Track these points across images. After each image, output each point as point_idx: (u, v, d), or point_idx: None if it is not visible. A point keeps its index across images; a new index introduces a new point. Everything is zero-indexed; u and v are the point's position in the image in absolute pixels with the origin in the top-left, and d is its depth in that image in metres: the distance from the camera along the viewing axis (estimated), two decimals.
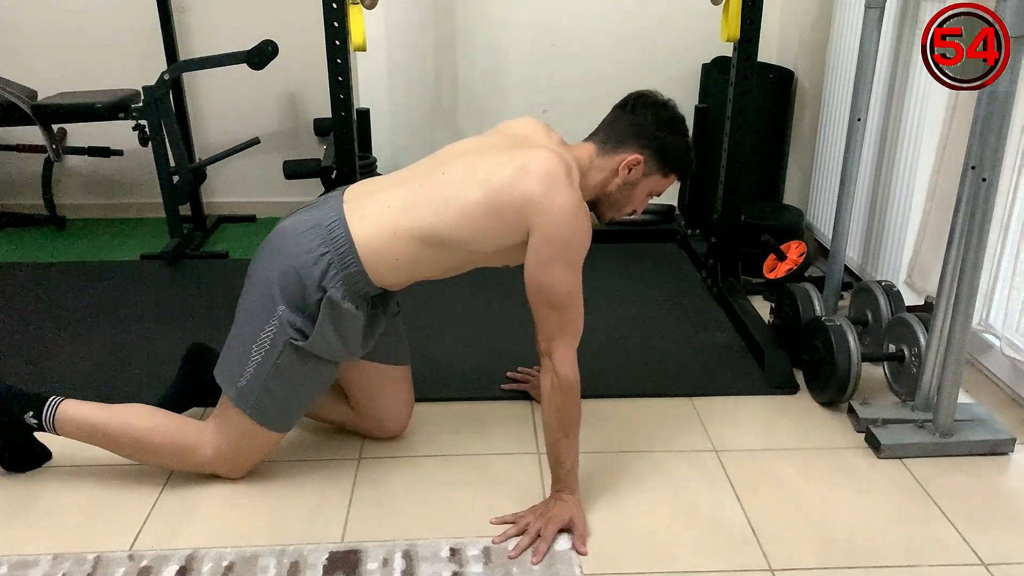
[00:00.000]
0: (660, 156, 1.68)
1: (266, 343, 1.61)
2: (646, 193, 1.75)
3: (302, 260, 1.58)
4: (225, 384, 1.67)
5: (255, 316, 1.62)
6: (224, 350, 1.70)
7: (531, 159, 1.56)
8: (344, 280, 1.59)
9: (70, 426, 1.71)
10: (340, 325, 1.61)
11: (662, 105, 1.70)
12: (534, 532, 1.59)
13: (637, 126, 1.67)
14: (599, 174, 1.69)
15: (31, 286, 2.84)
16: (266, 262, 1.64)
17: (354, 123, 2.47)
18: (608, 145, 1.69)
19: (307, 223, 1.62)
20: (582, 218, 1.56)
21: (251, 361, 1.62)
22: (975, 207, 1.70)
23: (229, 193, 3.58)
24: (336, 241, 1.58)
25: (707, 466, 1.85)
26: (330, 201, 1.67)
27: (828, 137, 2.89)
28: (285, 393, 1.67)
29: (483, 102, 3.41)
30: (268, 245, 1.67)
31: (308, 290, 1.58)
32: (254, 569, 1.53)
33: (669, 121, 1.69)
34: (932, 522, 1.67)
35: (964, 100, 2.13)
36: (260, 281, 1.63)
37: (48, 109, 2.97)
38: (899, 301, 2.22)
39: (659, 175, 1.72)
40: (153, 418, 1.74)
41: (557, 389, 1.57)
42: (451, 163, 1.65)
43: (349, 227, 1.59)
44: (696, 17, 3.24)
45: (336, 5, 2.26)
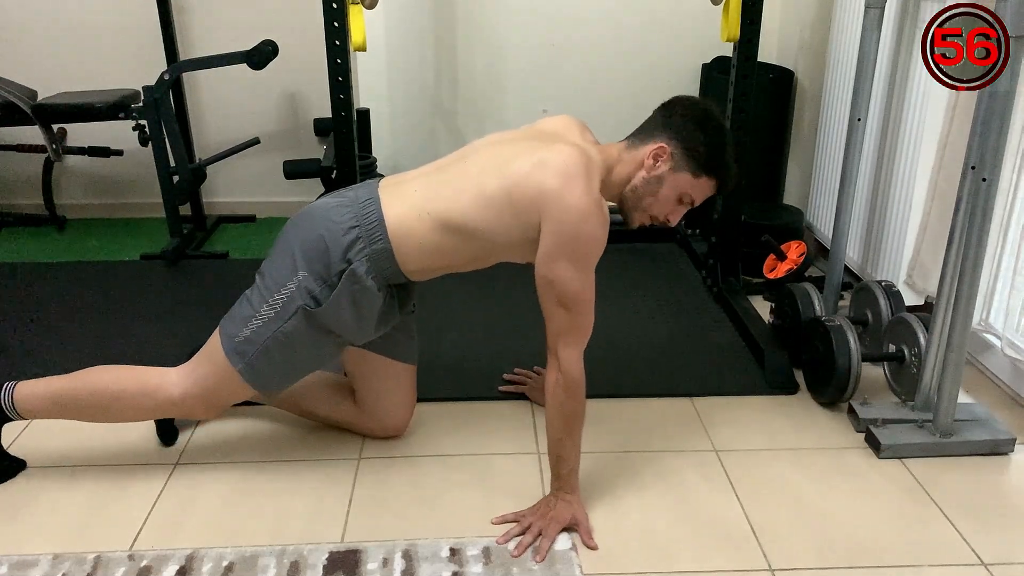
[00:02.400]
0: (688, 150, 1.61)
1: (278, 305, 1.61)
2: (675, 194, 1.65)
3: (331, 230, 1.60)
4: (223, 332, 1.67)
5: (272, 278, 1.64)
6: (235, 306, 1.70)
7: (551, 153, 1.55)
8: (370, 256, 1.60)
9: (33, 402, 1.71)
10: (358, 300, 1.62)
11: (696, 103, 1.67)
12: (536, 531, 1.59)
13: (667, 118, 1.65)
14: (625, 168, 1.66)
15: (31, 286, 2.84)
16: (293, 231, 1.67)
17: (354, 123, 2.47)
18: (637, 139, 1.67)
19: (340, 201, 1.66)
20: (596, 218, 1.52)
21: (257, 318, 1.63)
22: (975, 207, 1.70)
23: (229, 193, 3.58)
24: (367, 217, 1.60)
25: (707, 466, 1.85)
26: (366, 185, 1.70)
27: (828, 137, 2.89)
28: (282, 358, 1.66)
29: (483, 102, 3.41)
30: (298, 218, 1.69)
31: (333, 259, 1.59)
32: (254, 569, 1.53)
33: (700, 116, 1.63)
34: (932, 522, 1.67)
35: (964, 100, 2.13)
36: (284, 247, 1.66)
37: (48, 109, 2.97)
38: (899, 301, 2.22)
39: (688, 173, 1.62)
40: (111, 370, 1.75)
41: (561, 387, 1.57)
42: (476, 153, 1.67)
43: (381, 205, 1.61)
44: (696, 17, 3.24)
45: (336, 5, 2.26)
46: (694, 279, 2.90)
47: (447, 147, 3.43)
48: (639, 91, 3.39)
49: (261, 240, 3.34)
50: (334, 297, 1.60)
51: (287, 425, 2.00)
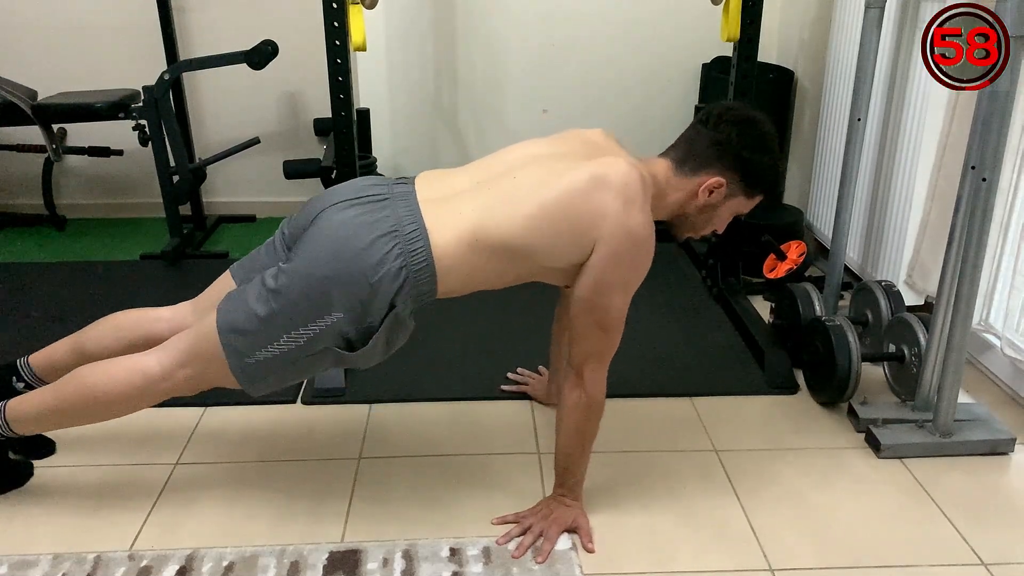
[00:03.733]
0: (745, 178, 1.54)
1: (302, 340, 1.46)
2: (728, 216, 1.61)
3: (377, 274, 1.43)
4: (229, 349, 1.48)
5: (298, 308, 1.45)
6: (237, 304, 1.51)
7: (609, 169, 1.46)
8: (414, 297, 1.48)
9: (26, 423, 1.64)
10: (391, 339, 1.52)
11: (748, 120, 1.55)
12: (537, 532, 1.59)
13: (720, 145, 1.52)
14: (676, 195, 1.56)
15: (31, 286, 2.84)
16: (327, 259, 1.46)
17: (354, 123, 2.47)
18: (687, 165, 1.55)
19: (383, 225, 1.46)
20: (650, 245, 1.48)
21: (274, 346, 1.47)
22: (975, 207, 1.70)
23: (229, 193, 3.58)
24: (415, 255, 1.44)
25: (707, 466, 1.85)
26: (406, 199, 1.50)
27: (828, 137, 2.89)
28: (287, 377, 1.55)
29: (483, 102, 3.41)
30: (329, 235, 1.48)
31: (376, 305, 1.45)
32: (254, 569, 1.53)
33: (757, 139, 1.54)
34: (932, 522, 1.67)
35: (964, 100, 2.13)
36: (317, 276, 1.45)
37: (48, 109, 2.97)
38: (899, 301, 2.22)
39: (743, 197, 1.58)
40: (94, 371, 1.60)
41: (583, 408, 1.54)
42: (524, 168, 1.53)
43: (430, 240, 1.45)
44: (696, 17, 3.24)
45: (336, 5, 2.26)
46: (694, 279, 2.90)
47: (447, 147, 3.45)
48: (639, 91, 3.40)
49: (261, 240, 3.31)
50: (373, 341, 1.47)
51: (287, 425, 2.00)
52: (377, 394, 2.13)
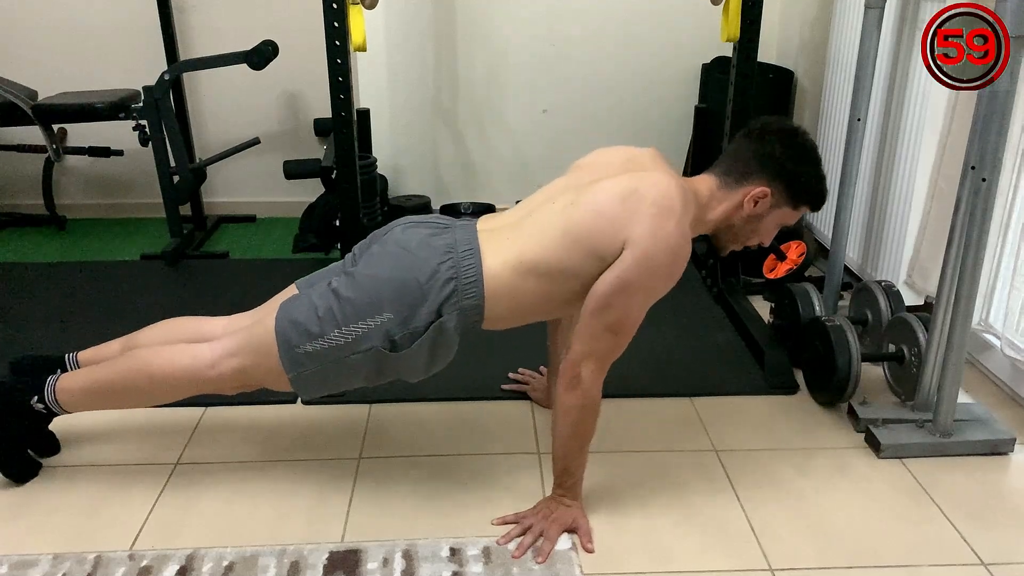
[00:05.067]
0: (790, 188, 1.58)
1: (351, 336, 1.54)
2: (774, 226, 1.64)
3: (429, 280, 1.53)
4: (282, 337, 1.57)
5: (354, 306, 1.54)
6: (299, 304, 1.60)
7: (644, 182, 1.50)
8: (460, 310, 1.54)
9: (75, 396, 1.70)
10: (435, 351, 1.57)
11: (791, 132, 1.59)
12: (537, 532, 1.60)
13: (764, 156, 1.56)
14: (721, 207, 1.60)
15: (31, 286, 2.84)
16: (388, 263, 1.58)
17: (354, 123, 2.47)
18: (731, 176, 1.59)
19: (442, 242, 1.57)
20: (681, 257, 1.50)
21: (325, 339, 1.54)
22: (975, 207, 1.70)
23: (229, 193, 3.58)
24: (466, 270, 1.54)
25: (707, 466, 1.85)
26: (466, 228, 1.62)
27: (828, 137, 2.89)
28: (335, 379, 1.61)
29: (483, 102, 3.41)
30: (393, 245, 1.61)
31: (424, 309, 1.53)
32: (254, 569, 1.53)
33: (800, 150, 1.58)
34: (932, 522, 1.67)
35: (964, 100, 2.13)
36: (376, 277, 1.56)
37: (48, 109, 2.97)
38: (899, 301, 2.22)
39: (789, 207, 1.61)
40: (153, 354, 1.69)
41: (580, 409, 1.54)
42: (563, 193, 1.59)
43: (482, 259, 1.55)
44: (696, 17, 3.24)
45: (336, 5, 2.26)
46: (694, 279, 2.90)
47: (447, 147, 3.45)
48: (639, 91, 3.40)
49: (261, 240, 3.34)
50: (417, 345, 1.54)
51: (287, 425, 2.00)
52: (377, 394, 2.12)
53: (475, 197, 3.45)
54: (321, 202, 3.14)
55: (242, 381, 1.65)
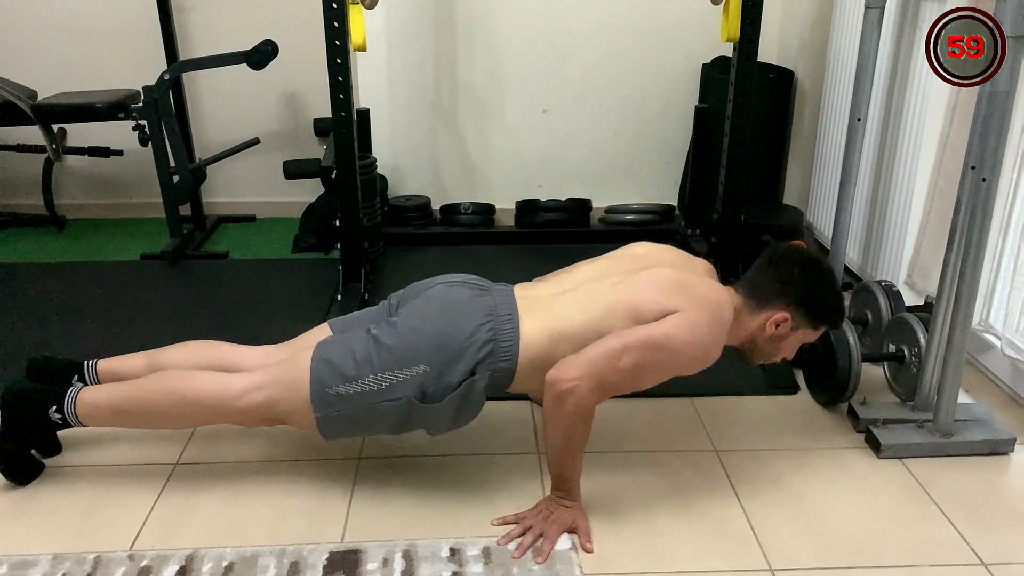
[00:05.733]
0: (809, 312, 1.66)
1: (384, 383, 1.58)
2: (796, 345, 1.72)
3: (469, 339, 1.59)
4: (316, 376, 1.60)
5: (393, 355, 1.59)
6: (338, 345, 1.65)
7: (701, 282, 1.63)
8: (493, 372, 1.60)
9: (95, 411, 1.70)
10: (462, 409, 1.62)
11: (807, 260, 1.69)
12: (537, 532, 1.60)
13: (783, 282, 1.65)
14: (747, 325, 1.68)
15: (31, 286, 2.84)
16: (433, 317, 1.63)
17: (354, 123, 2.47)
18: (754, 300, 1.67)
19: (484, 305, 1.64)
20: (711, 354, 1.59)
21: (358, 383, 1.59)
22: (975, 207, 1.70)
23: (229, 193, 3.58)
24: (505, 335, 1.60)
25: (707, 466, 1.85)
26: (505, 292, 1.69)
27: (828, 137, 2.89)
28: (361, 423, 1.64)
29: (483, 102, 3.41)
30: (437, 301, 1.67)
31: (459, 367, 1.58)
32: (254, 569, 1.53)
33: (816, 277, 1.67)
34: (932, 522, 1.67)
35: (964, 100, 2.13)
36: (418, 329, 1.62)
37: (48, 109, 2.97)
38: (899, 301, 2.22)
39: (809, 328, 1.69)
40: (181, 377, 1.70)
41: (571, 420, 1.53)
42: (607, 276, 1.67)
43: (520, 326, 1.61)
44: (696, 17, 3.24)
45: (336, 5, 2.26)
46: None
47: (447, 147, 3.45)
48: (639, 91, 3.40)
49: (261, 240, 3.34)
50: (446, 401, 1.59)
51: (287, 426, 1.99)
52: None
53: (475, 197, 3.45)
54: (321, 202, 3.14)
55: (267, 415, 1.67)
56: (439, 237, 3.26)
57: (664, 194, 3.52)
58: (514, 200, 3.38)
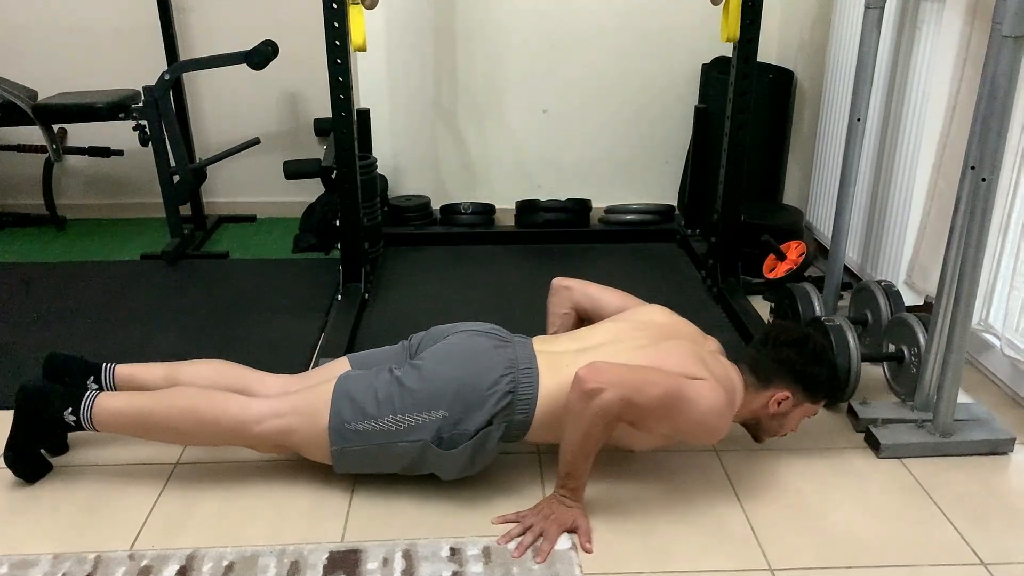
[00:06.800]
0: (808, 389, 1.72)
1: (403, 424, 1.62)
2: (799, 418, 1.77)
3: (490, 389, 1.62)
4: (336, 409, 1.64)
5: (415, 397, 1.63)
6: (363, 380, 1.68)
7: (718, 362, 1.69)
8: (509, 424, 1.64)
9: (112, 418, 1.70)
10: (476, 457, 1.65)
11: (800, 339, 1.73)
12: (537, 532, 1.60)
13: (781, 363, 1.70)
14: (751, 404, 1.72)
15: (31, 286, 2.84)
16: (456, 363, 1.67)
17: (354, 123, 2.47)
18: (757, 380, 1.71)
19: (505, 357, 1.67)
20: (720, 428, 1.62)
21: (377, 421, 1.62)
22: (975, 207, 1.70)
23: (229, 193, 3.58)
24: (524, 387, 1.64)
25: (707, 466, 1.85)
26: (524, 347, 1.72)
27: (828, 137, 2.89)
28: (375, 460, 1.67)
29: (483, 102, 3.41)
30: (461, 348, 1.70)
31: (478, 415, 1.61)
32: (254, 569, 1.53)
33: (812, 355, 1.72)
34: (932, 522, 1.67)
35: (964, 100, 2.13)
36: (443, 375, 1.65)
37: (48, 109, 2.97)
38: (899, 301, 2.22)
39: (810, 403, 1.74)
40: (202, 395, 1.71)
41: (594, 418, 1.53)
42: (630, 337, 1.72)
43: (540, 379, 1.64)
44: (696, 17, 3.24)
45: (336, 5, 2.26)
46: (694, 279, 2.90)
47: (447, 147, 3.45)
48: (639, 91, 3.40)
49: (261, 240, 3.34)
50: (461, 448, 1.62)
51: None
52: None
53: (475, 197, 3.45)
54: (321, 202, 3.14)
55: (282, 443, 1.69)
56: (439, 237, 3.27)
57: (664, 194, 3.52)
58: (514, 200, 3.38)
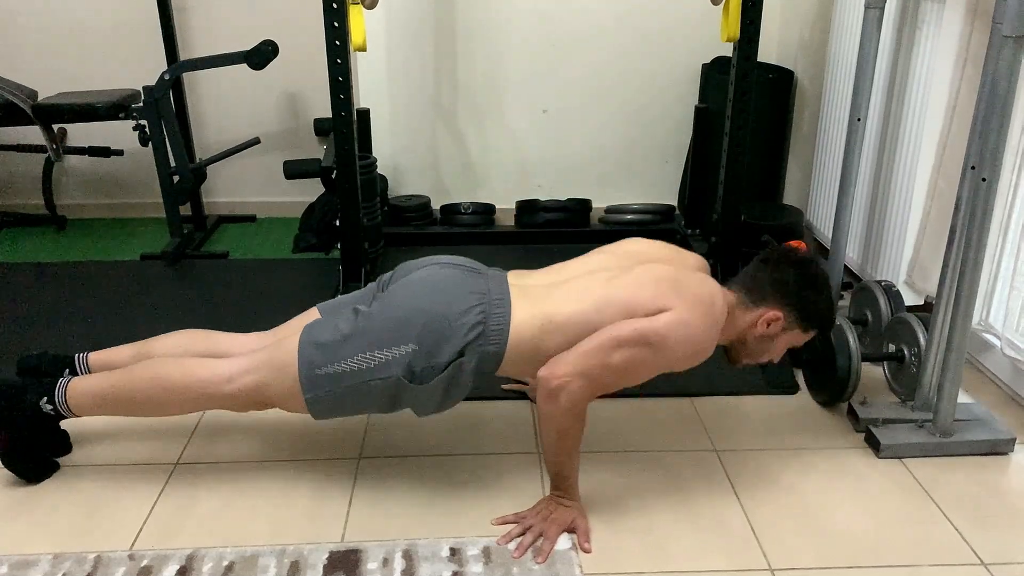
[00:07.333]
0: (801, 314, 1.68)
1: (373, 362, 1.58)
2: (783, 347, 1.74)
3: (459, 319, 1.58)
4: (304, 357, 1.60)
5: (381, 332, 1.59)
6: (323, 327, 1.64)
7: (694, 278, 1.63)
8: (481, 355, 1.59)
9: (85, 399, 1.70)
10: (450, 390, 1.62)
11: (804, 262, 1.70)
12: (537, 532, 1.60)
13: (779, 283, 1.67)
14: (739, 323, 1.68)
15: (31, 286, 2.84)
16: (423, 295, 1.62)
17: (354, 123, 2.47)
18: (749, 297, 1.68)
19: (472, 285, 1.63)
20: (704, 349, 1.59)
21: (346, 362, 1.58)
22: (975, 207, 1.70)
23: (229, 193, 3.58)
24: (495, 318, 1.59)
25: (707, 466, 1.85)
26: (498, 277, 1.68)
27: (828, 137, 2.89)
28: (351, 403, 1.64)
29: (483, 102, 3.41)
30: (428, 279, 1.66)
31: (448, 347, 1.57)
32: (254, 569, 1.53)
33: (811, 279, 1.68)
34: (932, 522, 1.67)
35: (964, 100, 2.13)
36: (408, 307, 1.61)
37: (48, 109, 2.97)
38: (899, 301, 2.22)
39: (799, 330, 1.70)
40: (168, 363, 1.71)
41: (564, 415, 1.54)
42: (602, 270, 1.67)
43: (512, 310, 1.60)
44: (696, 17, 3.24)
45: (336, 5, 2.26)
46: None
47: (447, 147, 3.45)
48: (639, 91, 3.40)
49: (261, 240, 3.34)
50: (434, 382, 1.59)
51: (287, 425, 2.00)
52: None
53: (475, 197, 3.45)
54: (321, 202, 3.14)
55: (256, 399, 1.66)
56: (439, 237, 3.26)
57: (664, 194, 3.52)
58: (514, 200, 3.38)
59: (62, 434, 1.86)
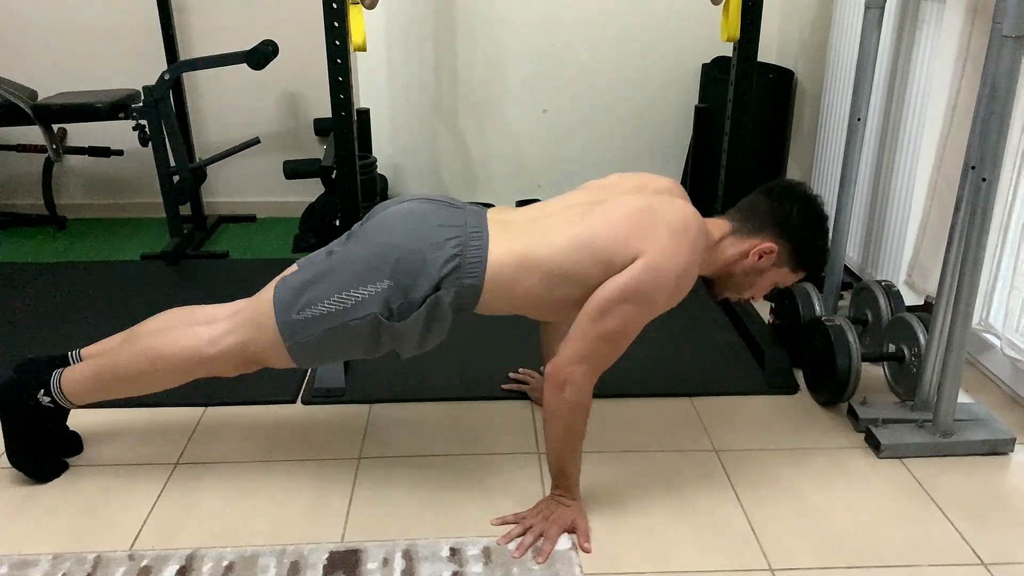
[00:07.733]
0: (796, 251, 1.65)
1: (350, 301, 1.54)
2: (770, 284, 1.70)
3: (433, 252, 1.55)
4: (280, 305, 1.58)
5: (355, 270, 1.56)
6: (296, 272, 1.62)
7: (665, 203, 1.57)
8: (459, 289, 1.56)
9: (79, 385, 1.70)
10: (430, 325, 1.58)
11: (809, 199, 1.66)
12: (537, 532, 1.60)
13: (780, 216, 1.63)
14: (728, 252, 1.65)
15: (31, 286, 2.84)
16: (396, 230, 1.59)
17: (354, 123, 2.47)
18: (746, 226, 1.65)
19: (449, 219, 1.60)
20: (686, 280, 1.54)
21: (322, 304, 1.55)
22: (975, 207, 1.70)
23: (229, 193, 3.58)
24: (472, 251, 1.56)
25: (707, 466, 1.85)
26: (477, 213, 1.65)
27: (828, 137, 2.89)
28: (333, 347, 1.60)
29: (483, 102, 3.41)
30: (408, 212, 1.62)
31: (423, 281, 1.54)
32: (254, 569, 1.53)
33: (815, 217, 1.65)
34: (932, 522, 1.67)
35: (964, 100, 2.13)
36: (381, 243, 1.58)
37: (48, 109, 2.97)
38: (899, 301, 2.22)
39: (788, 269, 1.68)
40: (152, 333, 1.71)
41: (571, 408, 1.54)
42: (578, 205, 1.63)
43: (490, 243, 1.57)
44: (696, 17, 3.24)
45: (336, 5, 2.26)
46: None
47: (447, 147, 3.46)
48: (639, 91, 3.40)
49: (261, 240, 3.34)
50: (412, 318, 1.55)
51: (287, 425, 2.00)
52: (377, 394, 2.13)
53: (475, 197, 3.46)
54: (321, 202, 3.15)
55: (242, 358, 1.64)
56: None
57: None
58: (514, 200, 3.38)
59: (71, 434, 1.85)
